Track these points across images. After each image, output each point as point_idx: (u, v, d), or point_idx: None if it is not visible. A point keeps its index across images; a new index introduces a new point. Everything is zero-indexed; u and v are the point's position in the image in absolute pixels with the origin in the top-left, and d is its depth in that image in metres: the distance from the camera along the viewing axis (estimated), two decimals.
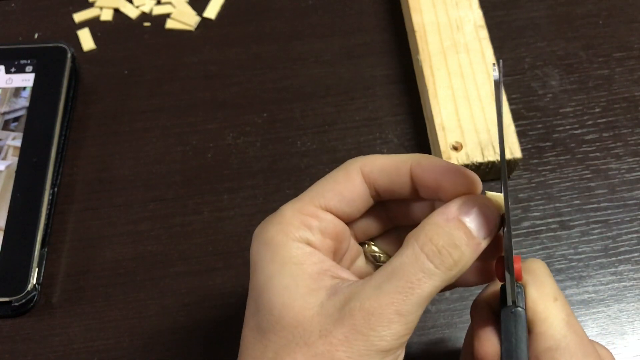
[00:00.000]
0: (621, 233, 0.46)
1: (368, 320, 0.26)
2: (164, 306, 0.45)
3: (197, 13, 0.57)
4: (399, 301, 0.27)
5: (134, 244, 0.47)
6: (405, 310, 0.27)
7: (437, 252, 0.28)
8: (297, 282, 0.28)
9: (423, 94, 0.50)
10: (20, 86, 0.51)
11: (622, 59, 0.53)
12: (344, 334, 0.27)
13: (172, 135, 0.51)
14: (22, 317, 0.44)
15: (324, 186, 0.31)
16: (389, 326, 0.27)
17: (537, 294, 0.30)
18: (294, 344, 0.27)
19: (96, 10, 0.57)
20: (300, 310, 0.28)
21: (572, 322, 0.30)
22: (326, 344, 0.27)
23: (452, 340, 0.43)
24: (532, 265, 0.31)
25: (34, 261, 0.44)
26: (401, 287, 0.27)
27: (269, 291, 0.28)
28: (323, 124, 0.51)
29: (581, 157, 0.49)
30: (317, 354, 0.27)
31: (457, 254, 0.28)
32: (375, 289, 0.27)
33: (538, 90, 0.51)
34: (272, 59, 0.54)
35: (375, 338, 0.26)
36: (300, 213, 0.30)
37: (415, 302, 0.27)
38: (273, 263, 0.29)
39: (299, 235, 0.29)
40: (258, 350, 0.28)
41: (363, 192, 0.31)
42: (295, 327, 0.27)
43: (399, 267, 0.28)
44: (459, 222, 0.28)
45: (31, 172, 0.47)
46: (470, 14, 0.51)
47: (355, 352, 0.26)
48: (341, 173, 0.31)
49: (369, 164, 0.31)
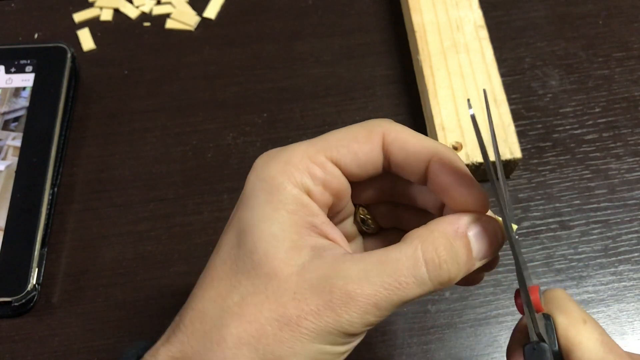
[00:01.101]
0: (621, 233, 0.46)
1: (346, 303, 0.26)
2: (164, 306, 0.45)
3: (197, 13, 0.57)
4: (381, 296, 0.26)
5: (134, 244, 0.47)
6: (384, 307, 0.27)
7: (438, 266, 0.27)
8: (285, 234, 0.27)
9: (423, 94, 0.50)
10: (20, 86, 0.51)
11: (622, 59, 0.53)
12: (317, 306, 0.26)
13: (172, 135, 0.51)
14: (22, 317, 0.44)
15: (341, 139, 0.30)
16: (363, 316, 0.26)
17: (565, 321, 0.29)
18: (264, 296, 0.27)
19: (96, 10, 0.57)
20: (280, 264, 0.27)
21: (607, 341, 0.29)
22: (297, 308, 0.26)
23: (452, 340, 0.43)
24: (553, 294, 0.30)
25: (34, 261, 0.44)
26: (388, 284, 0.27)
27: (254, 234, 0.28)
28: (323, 124, 0.51)
29: (581, 157, 0.49)
30: (284, 315, 0.26)
31: (454, 271, 0.28)
32: (363, 274, 0.27)
33: (538, 90, 0.51)
34: (272, 59, 0.54)
35: (346, 322, 0.26)
36: (309, 159, 0.29)
37: (396, 301, 0.27)
38: (267, 204, 0.28)
39: (301, 182, 0.28)
40: (224, 287, 0.28)
41: (377, 159, 0.30)
42: (271, 279, 0.27)
43: (394, 262, 0.27)
44: (467, 240, 0.28)
45: (31, 172, 0.47)
46: (470, 14, 0.51)
47: (322, 326, 0.26)
48: (363, 132, 0.30)
49: (394, 133, 0.30)
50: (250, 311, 0.27)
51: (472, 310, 0.43)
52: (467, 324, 0.43)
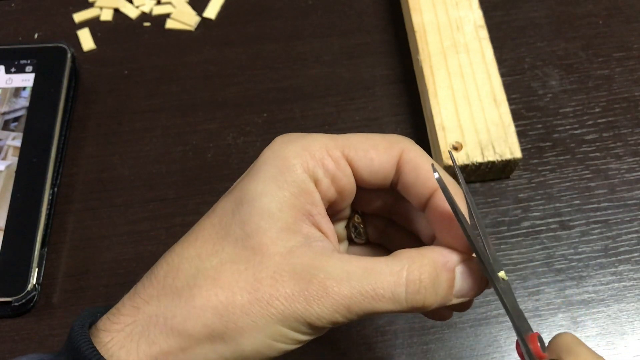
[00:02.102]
0: (621, 233, 0.46)
1: (321, 296, 0.27)
2: None
3: (197, 13, 0.57)
4: (355, 300, 0.27)
5: (134, 244, 0.47)
6: (354, 311, 0.27)
7: (417, 290, 0.28)
8: (281, 214, 0.28)
9: (423, 94, 0.50)
10: (20, 86, 0.51)
11: (622, 59, 0.53)
12: (292, 291, 0.27)
13: (172, 135, 0.51)
14: (22, 317, 0.44)
15: (361, 143, 0.30)
16: (332, 313, 0.27)
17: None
18: (243, 268, 0.27)
19: (96, 10, 0.57)
20: (267, 242, 0.27)
21: None
22: (272, 287, 0.27)
23: (452, 340, 0.43)
24: (562, 339, 0.29)
25: (34, 261, 0.44)
26: (365, 292, 0.27)
27: (252, 206, 0.28)
28: (323, 124, 0.51)
29: (581, 157, 0.49)
30: (258, 289, 0.27)
31: (431, 300, 0.28)
32: (345, 275, 0.27)
33: (538, 90, 0.51)
34: (272, 59, 0.54)
35: (315, 314, 0.27)
36: (327, 151, 0.29)
37: (367, 310, 0.27)
38: (273, 181, 0.28)
39: (312, 170, 0.29)
40: (206, 249, 0.28)
41: (389, 172, 0.30)
42: (255, 253, 0.27)
43: (378, 273, 0.28)
44: (452, 274, 0.29)
45: (31, 172, 0.47)
46: (470, 14, 0.51)
47: (291, 311, 0.27)
48: (384, 143, 0.30)
49: (412, 153, 0.30)
50: (225, 278, 0.27)
51: (472, 310, 0.43)
52: (467, 324, 0.43)
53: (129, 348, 0.27)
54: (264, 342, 0.27)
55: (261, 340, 0.27)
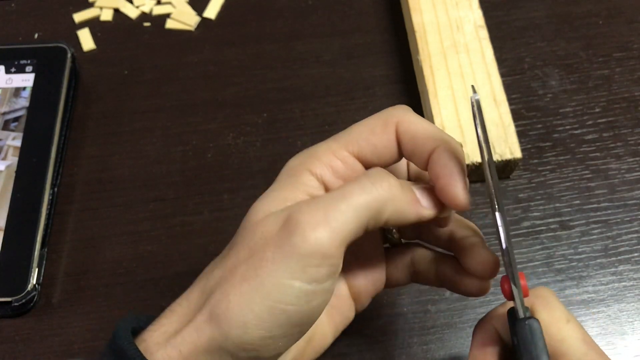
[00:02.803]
0: (621, 233, 0.46)
1: (298, 221, 0.27)
2: (164, 306, 0.44)
3: (197, 13, 0.57)
4: (329, 207, 0.28)
5: (134, 244, 0.47)
6: (333, 218, 0.27)
7: (378, 180, 0.29)
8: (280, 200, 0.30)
9: (423, 94, 0.50)
10: (20, 86, 0.51)
11: (622, 59, 0.53)
12: (278, 235, 0.28)
13: (172, 135, 0.51)
14: (22, 317, 0.44)
15: (360, 133, 0.31)
16: (314, 229, 0.27)
17: (549, 317, 0.30)
18: (241, 246, 0.29)
19: (96, 10, 0.57)
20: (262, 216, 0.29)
21: (588, 340, 0.30)
22: (262, 239, 0.28)
23: (452, 340, 0.43)
24: (540, 292, 0.31)
25: (34, 261, 0.44)
26: (335, 197, 0.28)
27: (258, 204, 0.30)
28: (323, 124, 0.51)
29: (581, 157, 0.49)
30: (252, 252, 0.28)
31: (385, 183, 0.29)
32: (315, 199, 0.29)
33: (538, 90, 0.51)
34: (272, 59, 0.54)
35: (299, 238, 0.27)
36: (332, 153, 0.31)
37: (344, 209, 0.28)
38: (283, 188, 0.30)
39: (320, 173, 0.30)
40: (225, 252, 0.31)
41: (392, 148, 0.31)
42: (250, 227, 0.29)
43: (343, 186, 0.29)
44: (408, 186, 0.30)
45: (31, 172, 0.47)
46: (470, 14, 0.51)
47: (280, 252, 0.27)
48: (379, 124, 0.31)
49: (406, 123, 0.31)
50: (230, 261, 0.29)
51: (472, 310, 0.43)
52: (467, 324, 0.43)
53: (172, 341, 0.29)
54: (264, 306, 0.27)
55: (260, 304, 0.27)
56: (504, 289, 0.30)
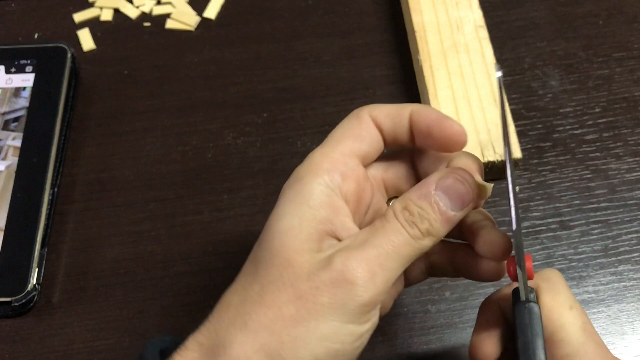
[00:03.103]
0: (621, 233, 0.46)
1: (355, 269, 0.28)
2: (164, 306, 0.45)
3: (197, 13, 0.57)
4: (383, 255, 0.28)
5: (134, 244, 0.47)
6: (388, 265, 0.28)
7: (408, 225, 0.29)
8: (302, 226, 0.29)
9: (423, 94, 0.50)
10: (20, 86, 0.51)
11: (622, 59, 0.53)
12: (330, 280, 0.28)
13: (172, 135, 0.51)
14: (22, 317, 0.44)
15: (342, 133, 0.32)
16: (372, 278, 0.28)
17: (552, 302, 0.30)
18: (281, 283, 0.28)
19: (96, 10, 0.57)
20: (295, 253, 0.29)
21: (589, 329, 0.30)
22: (312, 287, 0.28)
23: (452, 340, 0.43)
24: (548, 274, 0.32)
25: (34, 261, 0.44)
26: (384, 244, 0.29)
27: (275, 228, 0.30)
28: (323, 124, 0.51)
29: (581, 157, 0.49)
30: (301, 296, 0.28)
31: (424, 227, 0.29)
32: (361, 243, 0.29)
33: (538, 90, 0.51)
34: (272, 59, 0.54)
35: (359, 288, 0.28)
36: (328, 157, 0.31)
37: (396, 258, 0.29)
38: (292, 202, 0.30)
39: (327, 178, 0.31)
40: (247, 281, 0.30)
41: (375, 134, 0.32)
42: (286, 267, 0.29)
43: (380, 228, 0.29)
44: (431, 198, 0.30)
45: (31, 172, 0.47)
46: (470, 14, 0.51)
47: (337, 299, 0.28)
48: (353, 120, 0.32)
49: (376, 109, 0.32)
50: (269, 297, 0.28)
51: (472, 310, 0.43)
52: (467, 324, 0.43)
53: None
54: (320, 346, 0.28)
55: (317, 345, 0.28)
56: (509, 270, 0.31)
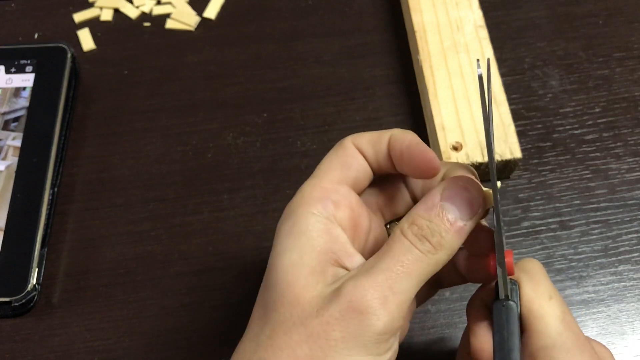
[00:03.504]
0: (621, 233, 0.46)
1: (364, 297, 0.27)
2: (164, 306, 0.45)
3: (197, 13, 0.57)
4: (392, 278, 0.28)
5: (134, 244, 0.47)
6: (399, 288, 0.27)
7: (418, 240, 0.29)
8: (304, 260, 0.29)
9: (423, 94, 0.50)
10: (20, 86, 0.51)
11: (622, 59, 0.53)
12: (339, 313, 0.27)
13: (172, 135, 0.51)
14: (22, 317, 0.44)
15: (330, 163, 0.32)
16: (384, 304, 0.27)
17: (532, 293, 0.30)
18: (291, 323, 0.28)
19: (96, 10, 0.57)
20: (301, 290, 0.28)
21: (568, 319, 0.30)
22: (322, 323, 0.27)
23: (452, 340, 0.43)
24: (528, 265, 0.32)
25: (34, 261, 0.44)
26: (393, 265, 0.28)
27: (277, 267, 0.29)
28: (323, 124, 0.51)
29: (581, 157, 0.49)
30: (312, 333, 0.27)
31: (435, 240, 0.29)
32: (367, 269, 0.28)
33: (538, 90, 0.51)
34: (272, 59, 0.54)
35: (371, 317, 0.27)
36: (319, 187, 0.31)
37: (407, 279, 0.28)
38: (289, 237, 0.30)
39: (320, 207, 0.30)
40: (258, 325, 0.29)
41: (362, 160, 0.32)
42: (295, 306, 0.28)
43: (388, 251, 0.29)
44: (439, 210, 0.29)
45: (31, 172, 0.47)
46: (470, 14, 0.51)
47: (351, 332, 0.27)
48: (339, 149, 0.32)
49: (358, 137, 0.32)
50: (281, 339, 0.28)
51: None
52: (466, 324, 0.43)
53: None
54: None
55: None
56: (490, 265, 0.31)
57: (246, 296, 0.45)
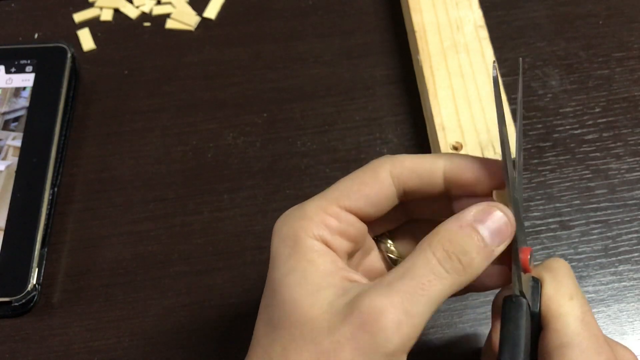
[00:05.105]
0: (621, 233, 0.46)
1: (377, 318, 0.26)
2: (164, 306, 0.45)
3: (197, 13, 0.57)
4: (408, 301, 0.27)
5: (134, 244, 0.47)
6: (415, 312, 0.27)
7: (447, 257, 0.28)
8: (308, 279, 0.28)
9: (423, 94, 0.50)
10: (20, 86, 0.51)
11: (622, 59, 0.53)
12: (351, 332, 0.26)
13: (172, 135, 0.51)
14: (22, 317, 0.44)
15: (350, 187, 0.31)
16: (397, 327, 0.26)
17: (553, 292, 0.30)
18: (302, 341, 0.27)
19: (96, 10, 0.57)
20: (309, 308, 0.28)
21: (587, 320, 0.30)
22: (333, 342, 0.27)
23: (452, 340, 0.43)
24: (554, 264, 0.32)
25: (34, 261, 0.44)
26: (412, 287, 0.27)
27: (282, 287, 0.29)
28: (323, 124, 0.51)
29: (581, 157, 0.49)
30: (323, 351, 0.27)
31: (466, 260, 0.28)
32: (385, 287, 0.27)
33: (538, 90, 0.51)
34: (272, 59, 0.54)
35: (382, 339, 0.26)
36: (324, 212, 0.30)
37: (425, 302, 0.27)
38: (289, 260, 0.29)
39: (318, 234, 0.29)
40: (267, 343, 0.28)
41: (390, 194, 0.31)
42: (304, 324, 0.27)
43: (411, 268, 0.28)
44: (472, 230, 0.29)
45: (31, 172, 0.47)
46: (470, 14, 0.51)
47: (361, 352, 0.26)
48: (369, 174, 0.31)
49: (399, 165, 0.31)
50: (292, 357, 0.27)
51: (472, 310, 0.43)
52: (467, 324, 0.43)
53: None
54: None
55: None
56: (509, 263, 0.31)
57: (246, 296, 0.45)
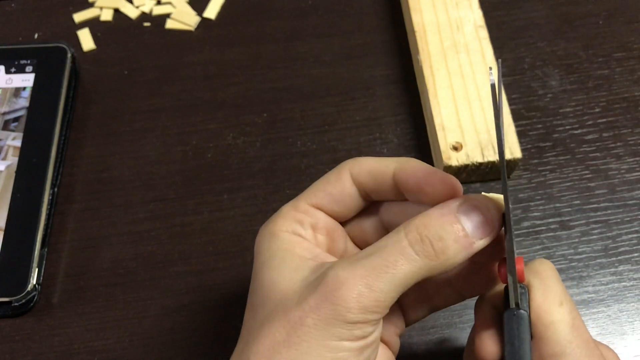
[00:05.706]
0: (621, 233, 0.46)
1: (338, 288, 0.27)
2: (164, 306, 0.45)
3: (197, 13, 0.57)
4: (371, 275, 0.28)
5: (134, 244, 0.47)
6: (377, 287, 0.28)
7: (419, 240, 0.28)
8: (286, 262, 0.30)
9: (423, 94, 0.50)
10: (20, 86, 0.51)
11: (622, 59, 0.53)
12: (315, 301, 0.28)
13: (172, 135, 0.51)
14: (22, 317, 0.44)
15: (317, 186, 0.33)
16: (357, 298, 0.27)
17: (542, 298, 0.30)
18: (275, 313, 0.29)
19: (96, 10, 0.57)
20: (285, 285, 0.29)
21: (577, 325, 0.30)
22: (299, 310, 0.28)
23: (452, 340, 0.43)
24: (539, 267, 0.31)
25: (34, 261, 0.44)
26: (377, 264, 0.28)
27: (261, 272, 0.31)
28: (323, 124, 0.51)
29: (581, 157, 0.49)
30: (290, 320, 0.28)
31: (440, 245, 0.28)
32: (352, 261, 0.28)
33: (538, 90, 0.51)
34: (272, 59, 0.54)
35: (342, 308, 0.27)
36: (295, 210, 0.32)
37: (388, 280, 0.28)
38: (268, 250, 0.31)
39: (291, 228, 0.32)
40: (249, 324, 0.30)
41: (352, 193, 0.32)
42: (280, 299, 0.29)
43: (382, 247, 0.29)
44: (453, 218, 0.29)
45: (31, 172, 0.47)
46: (470, 14, 0.51)
47: (322, 320, 0.27)
48: (333, 174, 0.33)
49: (357, 166, 0.32)
50: (265, 329, 0.29)
51: (472, 310, 0.43)
52: (467, 324, 0.43)
53: None
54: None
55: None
56: (500, 272, 0.30)
57: (246, 296, 0.44)
